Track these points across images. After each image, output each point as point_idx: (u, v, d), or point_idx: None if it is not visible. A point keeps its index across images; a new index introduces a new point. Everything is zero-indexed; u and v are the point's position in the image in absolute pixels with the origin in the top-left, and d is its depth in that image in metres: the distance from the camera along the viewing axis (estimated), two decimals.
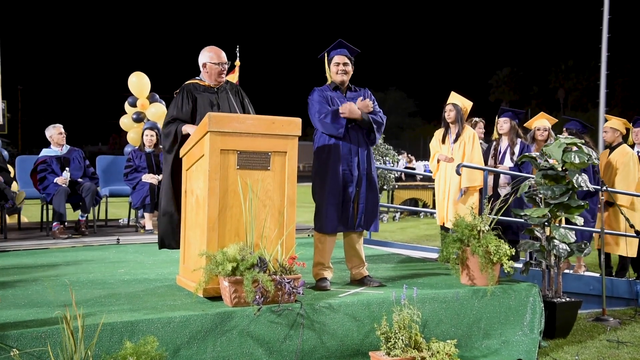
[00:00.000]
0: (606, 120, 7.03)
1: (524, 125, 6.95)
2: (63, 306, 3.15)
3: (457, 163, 5.94)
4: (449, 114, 6.10)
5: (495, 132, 6.68)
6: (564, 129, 6.68)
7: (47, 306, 3.65)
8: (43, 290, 4.19)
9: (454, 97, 6.21)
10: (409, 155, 19.81)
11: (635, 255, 6.56)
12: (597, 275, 6.34)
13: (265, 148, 4.00)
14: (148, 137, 7.86)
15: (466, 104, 6.20)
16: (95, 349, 3.13)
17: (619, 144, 6.74)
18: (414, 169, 17.61)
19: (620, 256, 6.67)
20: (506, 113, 6.53)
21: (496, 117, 6.62)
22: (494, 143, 6.64)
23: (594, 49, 23.35)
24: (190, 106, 4.74)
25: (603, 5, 21.12)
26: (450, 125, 6.14)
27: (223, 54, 4.87)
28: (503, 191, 6.25)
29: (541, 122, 6.63)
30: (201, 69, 4.86)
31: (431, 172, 6.49)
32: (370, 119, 4.47)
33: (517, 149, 6.39)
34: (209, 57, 4.82)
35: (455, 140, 6.08)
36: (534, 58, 68.85)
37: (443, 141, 6.19)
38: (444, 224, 6.09)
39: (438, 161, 6.18)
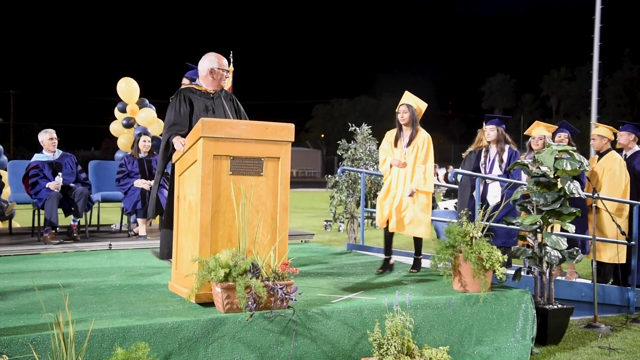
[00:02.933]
0: (593, 127, 7.05)
1: (524, 133, 6.96)
2: (54, 312, 3.13)
3: (410, 167, 5.60)
4: (403, 115, 5.64)
5: (483, 139, 6.63)
6: (556, 136, 6.70)
7: (38, 312, 3.62)
8: (34, 296, 4.16)
9: (408, 98, 5.73)
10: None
11: (624, 262, 6.57)
12: (589, 282, 6.37)
13: (258, 154, 4.00)
14: (146, 142, 7.84)
15: (421, 105, 5.74)
16: (85, 355, 3.12)
17: (608, 150, 6.80)
18: None
19: (599, 262, 6.63)
20: (492, 120, 6.46)
21: (483, 125, 6.59)
22: (483, 151, 6.61)
23: (586, 57, 23.55)
24: (187, 109, 4.80)
25: (595, 14, 21.31)
26: (404, 127, 5.69)
27: (225, 61, 5.01)
28: (494, 200, 6.21)
29: (537, 131, 6.64)
30: (205, 74, 4.91)
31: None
32: None
33: (505, 156, 6.36)
34: (217, 62, 4.92)
35: (409, 144, 5.62)
36: (526, 65, 69.34)
37: (395, 144, 5.72)
38: (387, 227, 5.64)
39: (390, 166, 5.68)
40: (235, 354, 3.57)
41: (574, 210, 5.04)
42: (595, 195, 5.85)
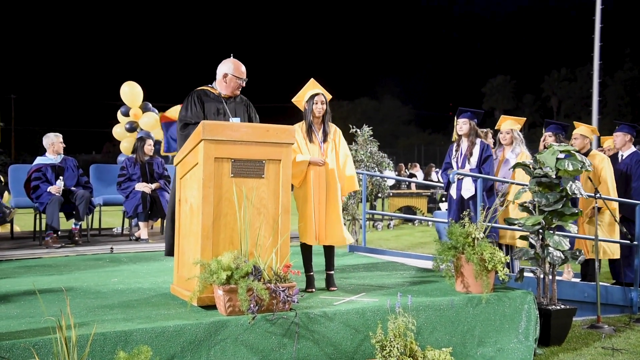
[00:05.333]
0: (575, 128, 6.96)
1: (495, 128, 6.94)
2: (56, 316, 3.13)
3: (333, 166, 5.13)
4: (322, 106, 4.82)
5: (455, 133, 6.55)
6: (547, 133, 6.63)
7: (40, 316, 3.62)
8: (35, 300, 4.16)
9: (317, 86, 4.93)
10: (410, 164, 19.95)
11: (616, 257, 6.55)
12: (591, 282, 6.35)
13: (260, 156, 4.00)
14: (151, 146, 7.92)
15: (328, 97, 4.96)
16: (88, 359, 3.11)
17: (589, 151, 6.76)
18: (414, 175, 17.79)
19: (588, 261, 6.56)
20: (465, 114, 6.38)
21: (455, 118, 6.51)
22: (455, 145, 6.55)
23: (587, 58, 23.58)
24: (199, 110, 4.84)
25: (595, 14, 21.33)
26: (315, 120, 4.88)
27: (244, 69, 4.97)
28: (467, 194, 6.20)
29: (505, 125, 6.61)
30: (219, 77, 4.93)
31: (435, 182, 6.36)
32: None
33: (476, 150, 6.31)
34: (233, 69, 4.93)
35: (325, 139, 4.88)
36: (527, 66, 69.30)
37: (310, 140, 4.84)
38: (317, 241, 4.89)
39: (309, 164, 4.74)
40: (238, 356, 3.56)
41: (576, 211, 5.04)
42: (598, 195, 5.84)
